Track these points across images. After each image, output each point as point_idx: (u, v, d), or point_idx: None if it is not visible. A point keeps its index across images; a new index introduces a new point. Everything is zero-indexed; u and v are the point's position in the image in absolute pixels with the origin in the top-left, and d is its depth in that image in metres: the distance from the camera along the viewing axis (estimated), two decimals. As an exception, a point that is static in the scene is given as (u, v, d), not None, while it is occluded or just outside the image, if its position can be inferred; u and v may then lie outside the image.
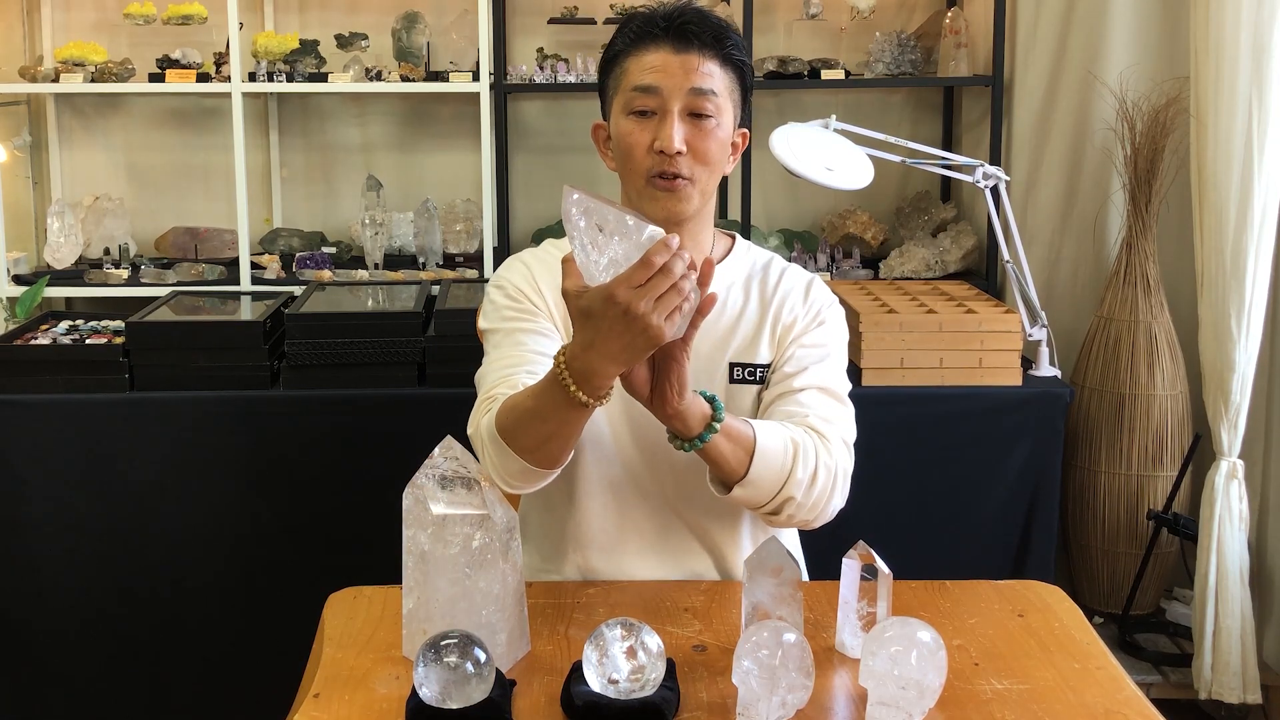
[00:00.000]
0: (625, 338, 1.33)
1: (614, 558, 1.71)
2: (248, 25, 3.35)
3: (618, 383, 1.45)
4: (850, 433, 1.66)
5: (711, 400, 1.48)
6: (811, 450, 1.56)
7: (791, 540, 1.82)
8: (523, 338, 1.66)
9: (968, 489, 2.71)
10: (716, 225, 1.79)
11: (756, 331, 1.70)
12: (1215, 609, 2.71)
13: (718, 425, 1.47)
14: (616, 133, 1.65)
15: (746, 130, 1.71)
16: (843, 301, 2.79)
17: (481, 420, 1.57)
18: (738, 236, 1.80)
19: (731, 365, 1.69)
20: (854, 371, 2.67)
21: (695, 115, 1.61)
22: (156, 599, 2.64)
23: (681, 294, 1.32)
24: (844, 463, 1.61)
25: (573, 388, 1.39)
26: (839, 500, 1.61)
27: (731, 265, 1.75)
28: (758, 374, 1.69)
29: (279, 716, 1.46)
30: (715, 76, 1.61)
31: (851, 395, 1.69)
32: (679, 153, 1.59)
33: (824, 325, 1.71)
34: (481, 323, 1.73)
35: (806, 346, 1.68)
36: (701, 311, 1.37)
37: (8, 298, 3.08)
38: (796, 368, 1.66)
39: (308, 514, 2.64)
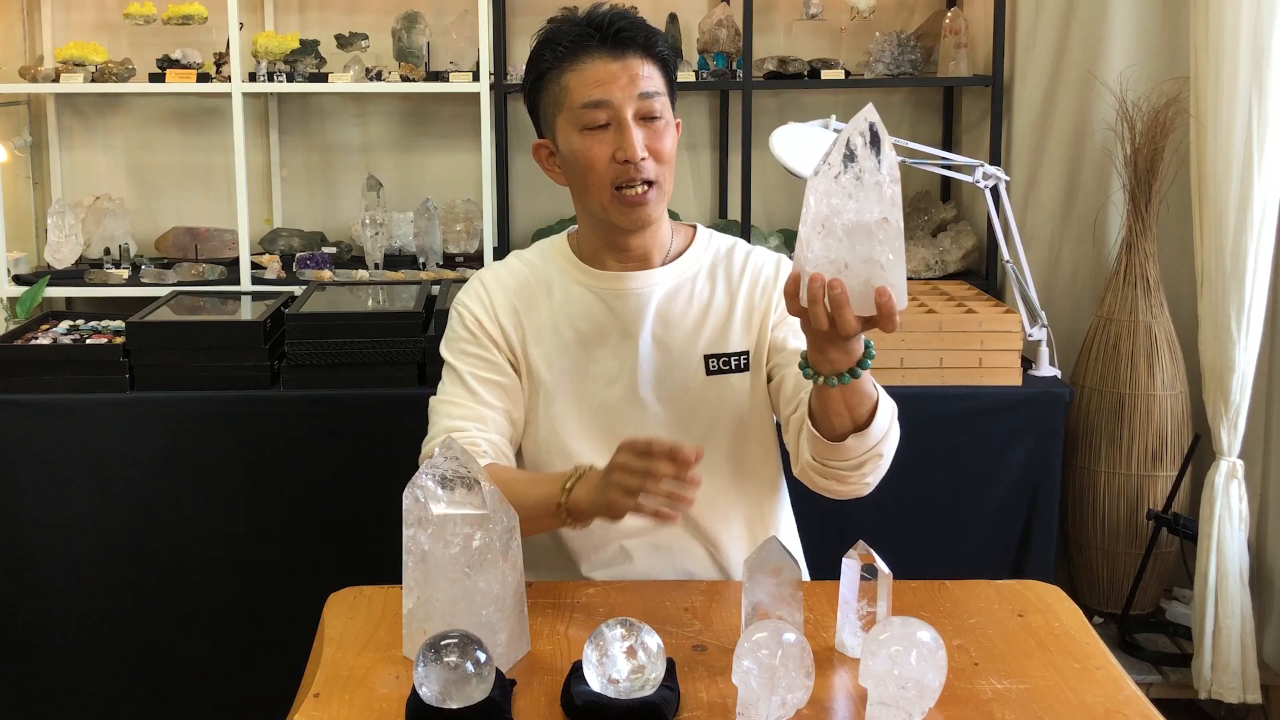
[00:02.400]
0: (601, 483, 1.44)
1: (607, 555, 1.72)
2: (248, 25, 3.34)
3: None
4: None
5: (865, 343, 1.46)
6: (897, 419, 1.58)
7: (791, 540, 1.82)
8: (475, 385, 1.69)
9: (968, 489, 2.71)
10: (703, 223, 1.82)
11: (726, 319, 1.70)
12: (1215, 609, 2.71)
13: (868, 364, 1.45)
14: (570, 150, 1.65)
15: (679, 119, 1.72)
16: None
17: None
18: (699, 226, 1.80)
19: (706, 358, 1.69)
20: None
21: (646, 118, 1.63)
22: (156, 599, 2.64)
23: (647, 490, 1.37)
24: None
25: (564, 496, 1.48)
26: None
27: (693, 256, 1.74)
28: (732, 362, 1.69)
29: (279, 716, 1.46)
30: (654, 78, 1.64)
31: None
32: (642, 159, 1.61)
33: None
34: (442, 348, 1.74)
35: (795, 329, 1.67)
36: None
37: (8, 298, 3.08)
38: (800, 345, 1.64)
39: (308, 514, 2.64)
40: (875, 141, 1.33)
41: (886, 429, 1.54)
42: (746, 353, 1.69)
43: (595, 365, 1.69)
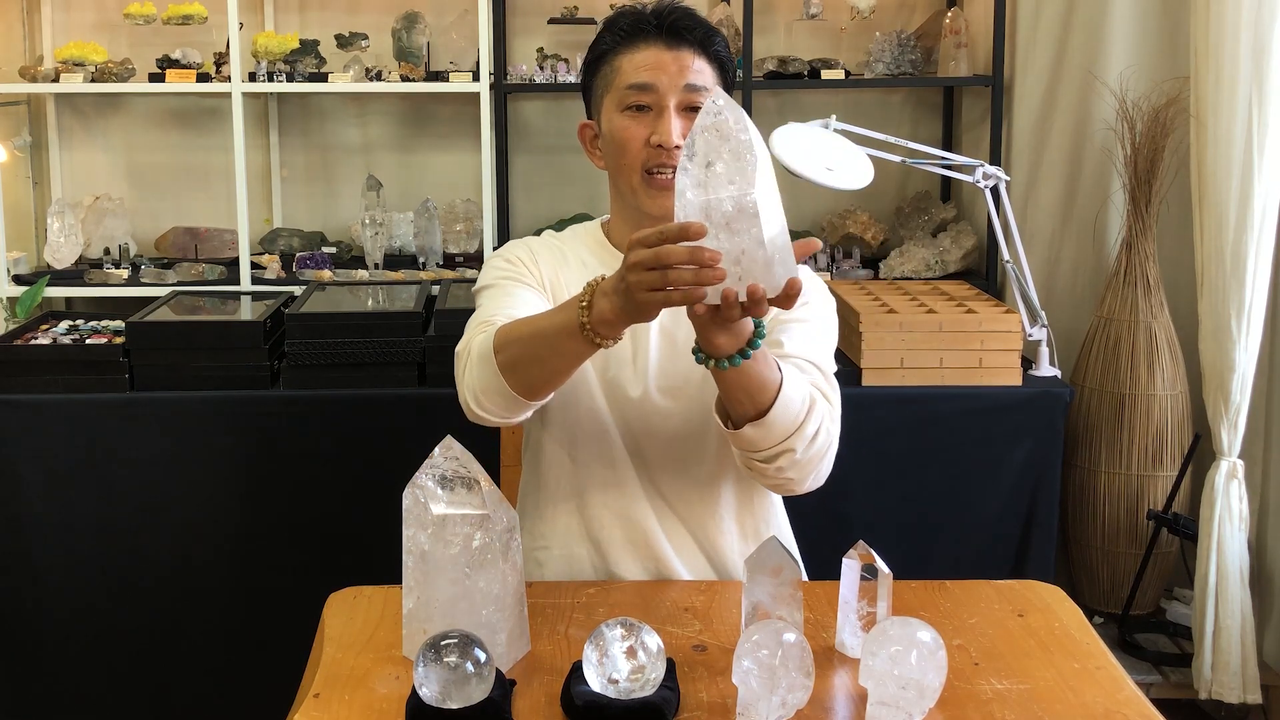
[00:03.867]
0: (622, 289, 1.35)
1: (600, 546, 1.73)
2: (248, 25, 3.34)
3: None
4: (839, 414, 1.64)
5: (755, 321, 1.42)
6: (822, 410, 1.55)
7: (789, 540, 1.82)
8: (516, 290, 1.69)
9: (968, 489, 2.71)
10: None
11: None
12: (1215, 609, 2.70)
13: (758, 343, 1.41)
14: (610, 129, 1.67)
15: None
16: (843, 301, 2.80)
17: (475, 338, 1.58)
18: None
19: None
20: (854, 372, 2.67)
21: (690, 110, 1.64)
22: (156, 599, 2.64)
23: (672, 282, 1.28)
24: (836, 438, 1.59)
25: (585, 316, 1.40)
26: (824, 472, 1.59)
27: None
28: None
29: (279, 716, 1.46)
30: (706, 73, 1.65)
31: (852, 395, 1.69)
32: (676, 147, 1.62)
33: (805, 304, 1.68)
34: (475, 287, 1.76)
35: (785, 321, 1.66)
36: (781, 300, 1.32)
37: (8, 298, 3.08)
38: (780, 334, 1.64)
39: (308, 514, 2.64)
40: (734, 122, 1.28)
41: (795, 423, 1.50)
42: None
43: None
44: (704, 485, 1.73)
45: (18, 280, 3.17)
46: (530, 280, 1.72)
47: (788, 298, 1.30)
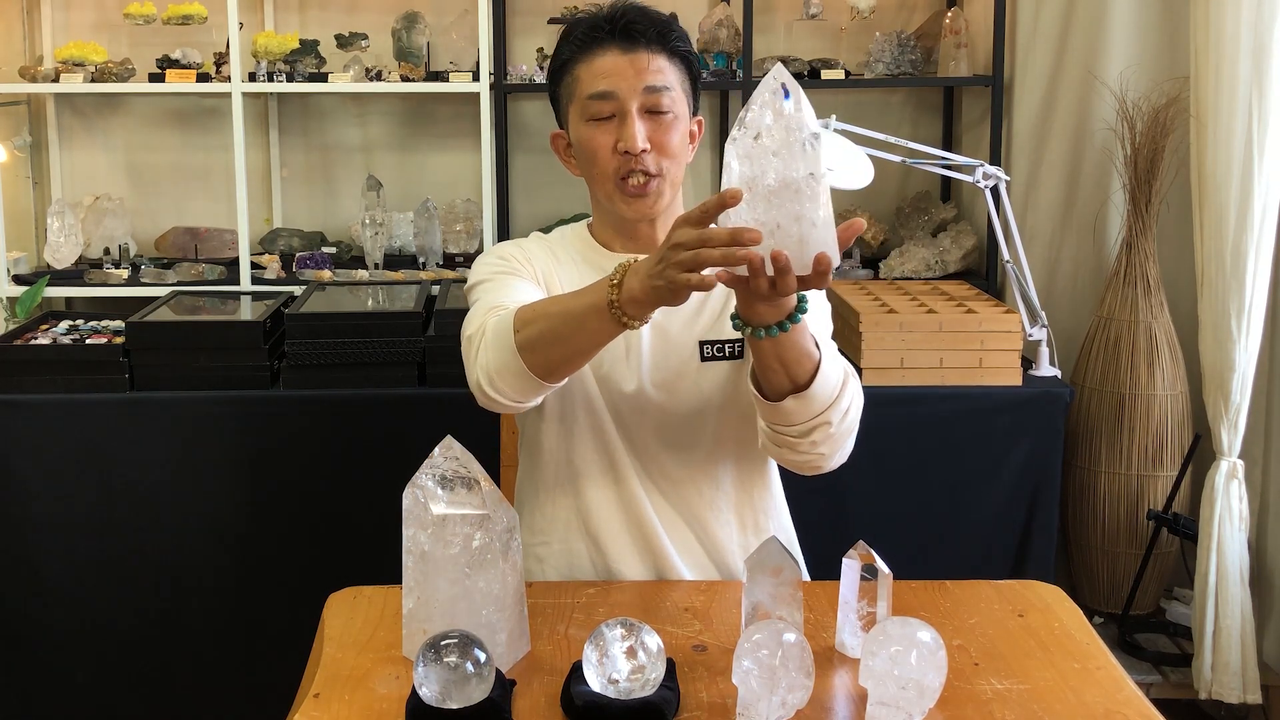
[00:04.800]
0: (658, 269, 1.34)
1: (598, 539, 1.73)
2: (248, 25, 3.34)
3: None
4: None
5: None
6: (854, 385, 1.55)
7: (786, 533, 1.82)
8: (515, 282, 1.68)
9: (968, 489, 2.71)
10: None
11: (723, 307, 1.71)
12: (1215, 609, 2.71)
13: (799, 317, 1.40)
14: (578, 139, 1.68)
15: (701, 118, 1.73)
16: (843, 301, 2.80)
17: (489, 320, 1.57)
18: None
19: (701, 344, 1.70)
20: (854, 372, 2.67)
21: (653, 112, 1.64)
22: (156, 599, 2.64)
23: (703, 261, 1.27)
24: (860, 413, 1.58)
25: (615, 294, 1.40)
26: (849, 449, 1.59)
27: None
28: (727, 350, 1.69)
29: (279, 716, 1.46)
30: (666, 71, 1.65)
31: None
32: (644, 151, 1.62)
33: None
34: (468, 285, 1.75)
35: None
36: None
37: (8, 298, 3.08)
38: None
39: (308, 514, 2.64)
40: (793, 98, 1.28)
41: (832, 396, 1.50)
42: (741, 341, 1.70)
43: None
44: (700, 478, 1.73)
45: (18, 280, 3.17)
46: (526, 274, 1.72)
47: (819, 275, 1.29)
